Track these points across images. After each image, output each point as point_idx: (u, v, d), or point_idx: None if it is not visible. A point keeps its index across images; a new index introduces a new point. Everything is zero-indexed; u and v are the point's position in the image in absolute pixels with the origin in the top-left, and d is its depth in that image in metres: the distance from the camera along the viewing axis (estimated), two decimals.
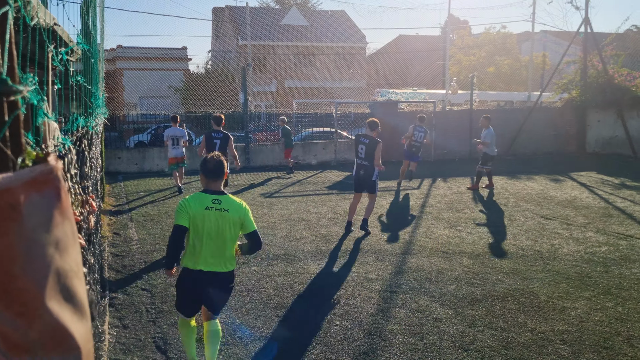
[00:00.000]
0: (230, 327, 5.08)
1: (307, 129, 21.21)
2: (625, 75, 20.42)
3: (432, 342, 4.75)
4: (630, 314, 5.31)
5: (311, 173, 15.94)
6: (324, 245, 7.89)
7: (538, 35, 39.00)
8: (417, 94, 27.16)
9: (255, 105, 32.57)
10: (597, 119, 20.79)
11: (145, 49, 34.72)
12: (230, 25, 38.75)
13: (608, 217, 9.68)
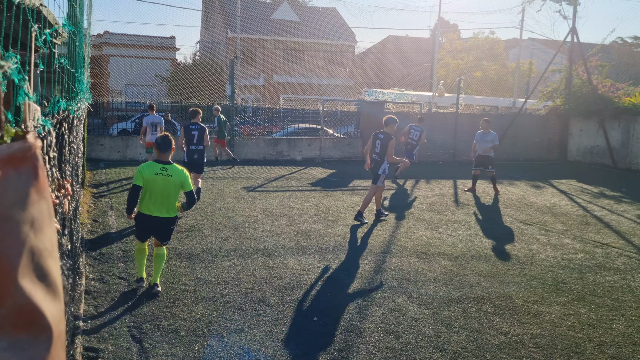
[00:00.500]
0: (207, 319, 5.06)
1: (293, 125, 21.18)
2: (609, 86, 20.73)
3: (408, 341, 4.78)
4: (603, 321, 5.40)
5: (295, 169, 15.92)
6: (305, 241, 7.90)
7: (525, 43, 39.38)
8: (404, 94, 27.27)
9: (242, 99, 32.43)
10: (579, 128, 21.07)
11: (132, 36, 34.34)
12: (220, 17, 38.49)
13: (586, 225, 9.83)
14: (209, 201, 10.50)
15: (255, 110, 24.43)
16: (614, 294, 6.21)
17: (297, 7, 42.83)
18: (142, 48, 33.90)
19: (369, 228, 8.85)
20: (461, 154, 20.07)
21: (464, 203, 11.44)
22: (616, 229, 9.55)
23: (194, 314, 5.16)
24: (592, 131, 20.51)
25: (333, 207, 10.44)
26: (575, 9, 20.50)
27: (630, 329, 5.22)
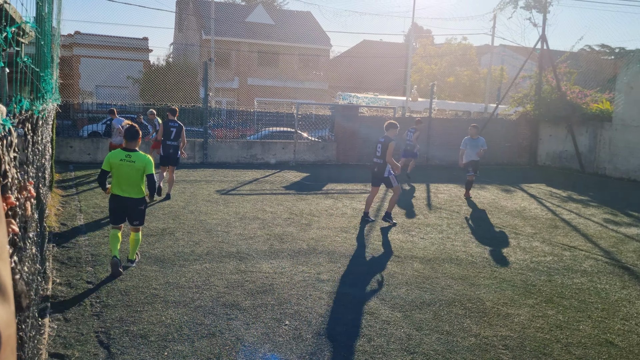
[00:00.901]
0: (178, 323, 4.99)
1: (267, 128, 21.11)
2: (577, 93, 21.21)
3: (380, 344, 4.79)
4: (570, 322, 5.50)
5: (269, 172, 15.87)
6: (278, 244, 7.86)
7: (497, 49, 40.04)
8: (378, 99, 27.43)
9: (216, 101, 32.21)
10: (549, 133, 21.50)
11: (104, 37, 33.83)
12: (194, 19, 38.20)
13: (554, 228, 10.01)
14: (181, 204, 10.38)
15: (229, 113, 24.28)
16: (581, 295, 6.33)
17: (272, 11, 42.77)
18: (114, 49, 33.40)
19: (342, 231, 8.86)
20: (434, 158, 20.27)
21: (436, 207, 11.55)
22: (583, 232, 9.76)
23: (164, 318, 5.09)
24: (561, 136, 20.95)
25: (307, 210, 10.42)
26: (545, 17, 20.95)
27: (596, 330, 5.33)
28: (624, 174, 18.43)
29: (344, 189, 13.41)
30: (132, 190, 6.29)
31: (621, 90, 18.82)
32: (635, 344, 5.05)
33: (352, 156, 19.19)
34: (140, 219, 6.49)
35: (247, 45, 37.74)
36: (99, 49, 32.91)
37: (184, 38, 40.92)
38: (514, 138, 21.85)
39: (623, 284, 6.88)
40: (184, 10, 40.66)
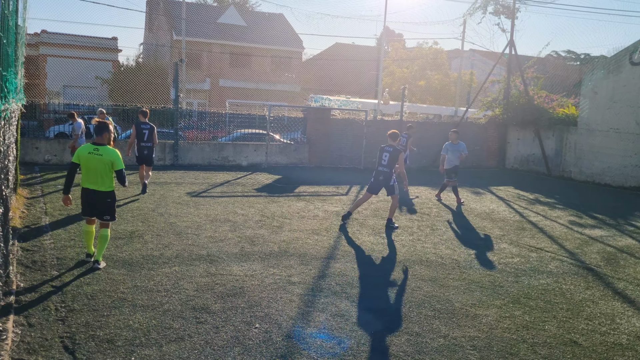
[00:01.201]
0: (146, 328, 4.91)
1: (239, 130, 20.99)
2: (544, 97, 21.70)
3: (350, 345, 4.80)
4: (536, 322, 5.61)
5: (241, 174, 15.78)
6: (249, 247, 7.82)
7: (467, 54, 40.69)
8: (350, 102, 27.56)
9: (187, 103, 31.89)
10: (517, 137, 21.92)
11: (72, 36, 33.15)
12: (165, 19, 37.77)
13: (522, 230, 10.21)
14: (151, 207, 10.24)
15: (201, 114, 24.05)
16: (547, 296, 6.47)
17: (244, 12, 42.60)
18: (82, 49, 32.77)
19: (314, 234, 8.86)
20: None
21: (406, 209, 11.65)
22: (550, 234, 9.97)
23: (132, 322, 5.00)
24: (529, 140, 21.38)
25: (278, 213, 10.39)
26: (513, 23, 21.37)
27: (561, 330, 5.45)
28: (589, 177, 18.91)
29: (316, 191, 13.42)
30: (100, 183, 6.44)
31: (586, 96, 19.32)
32: (598, 343, 5.18)
33: (325, 158, 19.23)
34: (110, 214, 6.60)
35: (218, 47, 37.49)
36: (67, 49, 32.25)
37: (154, 38, 40.42)
38: (484, 141, 22.21)
39: (587, 284, 7.05)
40: (154, 10, 40.16)
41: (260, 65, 38.86)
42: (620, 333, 5.47)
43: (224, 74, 38.08)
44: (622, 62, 18.17)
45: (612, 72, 18.41)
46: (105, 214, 6.58)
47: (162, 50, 37.51)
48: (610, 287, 7.02)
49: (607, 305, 6.28)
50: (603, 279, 7.36)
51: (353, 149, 19.49)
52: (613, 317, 5.92)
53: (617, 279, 7.36)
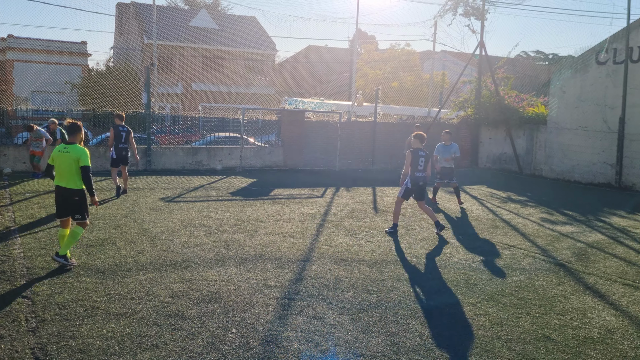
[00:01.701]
0: (119, 336, 4.83)
1: (213, 134, 20.84)
2: (514, 97, 22.07)
3: (327, 348, 4.80)
4: (510, 319, 5.69)
5: (215, 178, 15.66)
6: (225, 251, 7.76)
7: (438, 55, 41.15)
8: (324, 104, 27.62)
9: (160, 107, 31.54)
10: (489, 137, 22.24)
11: (39, 40, 32.53)
12: (135, 23, 37.31)
13: (495, 228, 10.35)
14: (123, 213, 10.09)
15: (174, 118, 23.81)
16: (520, 293, 6.57)
17: (216, 15, 42.34)
18: (50, 53, 32.17)
19: (290, 237, 8.84)
20: (379, 162, 20.58)
21: (382, 210, 11.72)
22: (522, 231, 10.14)
23: (105, 331, 4.92)
24: (500, 139, 21.71)
25: (254, 216, 10.34)
26: (482, 24, 21.70)
27: (535, 326, 5.54)
28: (559, 174, 19.29)
29: (292, 194, 13.40)
30: (68, 180, 6.61)
31: (555, 95, 19.71)
32: (570, 338, 5.28)
33: (299, 161, 19.22)
34: (79, 213, 6.72)
35: (190, 50, 37.19)
36: (35, 53, 31.63)
37: (124, 42, 39.89)
38: (456, 141, 22.37)
39: (559, 280, 7.19)
40: (124, 13, 39.65)
41: (233, 69, 38.67)
42: (591, 327, 5.59)
43: (197, 78, 37.78)
44: (588, 61, 18.60)
45: (580, 72, 18.83)
46: (75, 212, 6.69)
47: (133, 54, 37.04)
48: (581, 282, 7.16)
49: (579, 300, 6.40)
50: (574, 274, 7.50)
51: (328, 150, 19.54)
52: (584, 311, 6.04)
53: (587, 274, 7.52)
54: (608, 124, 17.87)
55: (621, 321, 5.79)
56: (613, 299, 6.53)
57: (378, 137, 20.44)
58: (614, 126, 17.60)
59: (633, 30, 17.17)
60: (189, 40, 36.99)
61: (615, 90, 17.60)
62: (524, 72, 31.31)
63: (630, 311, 6.12)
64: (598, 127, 18.18)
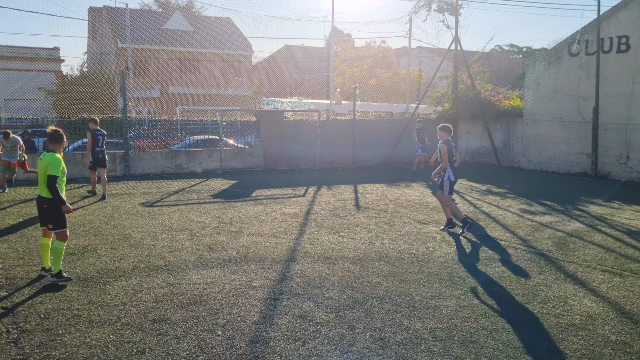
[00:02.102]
0: (104, 344, 4.77)
1: (192, 137, 20.69)
2: (490, 91, 22.31)
3: (314, 346, 4.81)
4: (494, 309, 5.76)
5: (196, 181, 15.55)
6: (208, 254, 7.71)
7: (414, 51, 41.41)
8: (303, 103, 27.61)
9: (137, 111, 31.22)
10: (467, 131, 22.46)
11: (10, 47, 31.93)
12: (109, 27, 36.87)
13: (476, 220, 10.46)
14: (103, 219, 9.96)
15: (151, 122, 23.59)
16: (503, 283, 6.65)
17: (190, 17, 42.04)
18: (22, 60, 31.61)
19: (273, 237, 8.82)
20: (360, 160, 20.64)
21: (364, 207, 11.75)
22: (502, 223, 10.26)
23: (89, 339, 4.85)
24: (478, 133, 21.94)
25: (236, 218, 10.30)
26: (457, 19, 21.88)
27: (518, 315, 5.61)
28: (537, 165, 19.56)
29: (273, 194, 13.37)
30: (42, 188, 6.51)
31: (530, 87, 19.98)
32: (553, 325, 5.36)
33: (280, 161, 19.18)
34: (52, 222, 6.47)
35: (166, 53, 36.86)
36: (6, 60, 31.04)
37: (98, 47, 39.38)
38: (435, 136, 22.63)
39: (540, 269, 7.29)
40: (97, 18, 39.13)
41: (209, 70, 38.44)
42: (573, 314, 5.68)
43: (173, 81, 37.47)
44: (561, 53, 18.89)
45: (553, 64, 19.11)
46: (47, 221, 6.51)
47: (108, 58, 36.60)
48: (562, 270, 7.28)
49: (560, 288, 6.50)
50: (554, 263, 7.62)
51: (308, 150, 19.53)
52: (566, 299, 6.14)
53: (567, 262, 7.64)
54: (582, 114, 18.17)
55: (602, 307, 5.90)
56: (593, 285, 6.65)
57: (358, 134, 20.50)
58: (588, 116, 17.90)
59: (603, 21, 17.49)
60: (164, 43, 36.66)
61: (588, 81, 17.91)
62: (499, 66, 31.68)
63: (610, 297, 6.24)
64: (573, 117, 18.48)
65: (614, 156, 17.38)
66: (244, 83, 39.38)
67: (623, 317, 5.63)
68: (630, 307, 5.91)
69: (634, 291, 6.45)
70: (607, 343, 4.99)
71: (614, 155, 17.38)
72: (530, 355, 4.70)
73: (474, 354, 4.70)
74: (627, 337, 5.12)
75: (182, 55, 37.28)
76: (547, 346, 4.89)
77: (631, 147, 16.96)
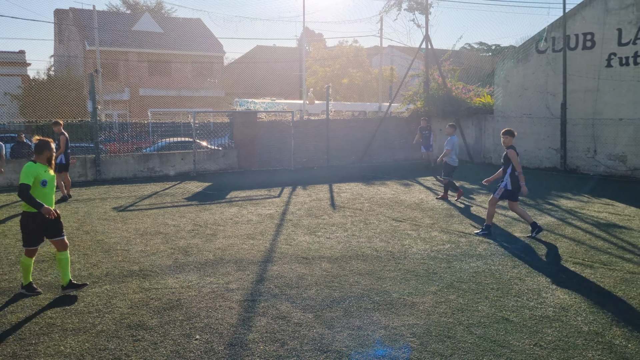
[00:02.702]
0: (79, 352, 4.68)
1: (164, 139, 20.44)
2: (461, 88, 22.60)
3: (293, 347, 4.80)
4: (469, 304, 5.84)
5: (169, 184, 15.38)
6: (183, 258, 7.63)
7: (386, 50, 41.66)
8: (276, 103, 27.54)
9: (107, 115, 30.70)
10: (439, 128, 22.68)
11: None
12: (76, 29, 36.18)
13: (450, 217, 10.58)
14: (75, 225, 9.77)
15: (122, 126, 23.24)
16: (478, 278, 6.75)
17: (160, 18, 41.53)
18: None
19: (249, 238, 8.78)
20: (335, 159, 20.68)
21: (339, 206, 11.78)
22: (476, 219, 10.39)
23: (63, 348, 4.76)
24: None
25: (211, 220, 10.22)
26: (427, 18, 22.10)
27: (494, 309, 5.70)
28: None
29: (248, 195, 13.30)
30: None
31: (499, 84, 20.30)
32: (528, 318, 5.46)
33: (254, 162, 19.10)
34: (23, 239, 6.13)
35: (135, 55, 36.35)
36: None
37: (65, 50, 38.62)
38: (409, 134, 22.81)
39: (513, 263, 7.42)
40: (63, 20, 38.36)
41: (181, 72, 38.04)
42: (546, 306, 5.79)
43: (144, 83, 36.97)
44: (529, 51, 19.24)
45: (521, 61, 19.46)
46: (61, 230, 6.18)
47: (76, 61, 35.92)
48: (535, 264, 7.41)
49: (533, 281, 6.63)
50: (528, 256, 7.75)
51: (282, 150, 19.50)
52: (539, 292, 6.26)
53: (540, 256, 7.78)
54: (551, 110, 18.54)
55: (574, 299, 6.03)
56: (565, 278, 6.79)
57: (331, 134, 20.54)
58: (557, 112, 18.27)
59: (569, 18, 17.87)
60: (133, 45, 36.14)
61: (555, 78, 18.28)
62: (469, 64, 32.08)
63: (582, 288, 6.38)
64: (542, 113, 18.84)
65: (582, 151, 17.78)
66: (216, 84, 39.08)
67: (595, 307, 5.77)
68: (601, 298, 6.06)
69: (605, 282, 6.61)
70: (580, 333, 5.10)
71: (582, 150, 17.78)
72: (506, 349, 4.77)
73: (451, 349, 4.75)
74: (599, 327, 5.24)
75: (152, 57, 36.81)
76: (523, 338, 4.98)
77: (598, 142, 17.37)
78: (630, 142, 16.70)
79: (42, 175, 5.96)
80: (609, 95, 17.07)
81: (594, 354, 4.69)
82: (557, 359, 4.59)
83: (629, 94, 16.62)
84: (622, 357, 4.64)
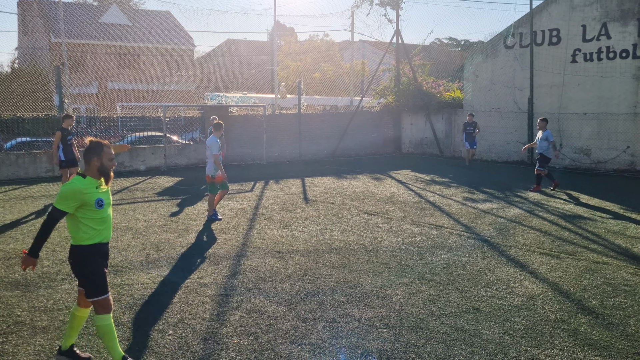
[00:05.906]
0: (49, 350, 4.61)
1: (134, 134, 20.12)
2: (432, 83, 22.85)
3: (268, 340, 4.81)
4: (441, 295, 5.94)
5: (139, 179, 15.17)
6: (155, 253, 7.56)
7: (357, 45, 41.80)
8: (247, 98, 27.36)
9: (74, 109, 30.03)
10: (410, 122, 22.92)
11: None
12: (41, 21, 35.26)
13: (421, 210, 10.72)
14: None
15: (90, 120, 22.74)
16: (449, 269, 6.87)
17: (128, 11, 40.77)
18: None
19: (222, 233, 8.74)
20: (307, 153, 20.70)
21: (312, 200, 11.81)
22: (447, 211, 10.56)
23: (32, 346, 4.68)
24: (421, 124, 22.43)
25: (183, 215, 10.13)
26: (397, 13, 22.25)
27: (464, 300, 5.81)
28: (477, 155, 20.19)
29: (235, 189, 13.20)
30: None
31: (469, 79, 20.59)
32: (497, 308, 5.59)
33: (226, 156, 18.91)
34: (82, 285, 4.36)
35: (103, 48, 35.63)
36: None
37: (30, 42, 37.61)
38: (380, 128, 22.99)
39: (483, 254, 7.57)
40: (27, 11, 37.33)
41: (150, 65, 37.45)
42: (515, 296, 5.94)
43: (112, 76, 36.29)
44: (497, 46, 19.56)
45: (490, 56, 19.77)
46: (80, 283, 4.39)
47: (41, 54, 35.02)
48: (504, 255, 7.58)
49: (502, 272, 6.78)
50: (497, 248, 7.93)
51: (254, 144, 19.42)
52: (508, 282, 6.41)
53: (508, 247, 7.97)
54: (518, 104, 18.90)
55: (541, 288, 6.20)
56: (533, 268, 6.97)
57: (304, 128, 20.54)
58: (524, 106, 18.64)
59: (536, 15, 18.22)
60: (101, 37, 35.41)
61: (523, 73, 18.63)
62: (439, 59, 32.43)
63: (549, 278, 6.56)
64: (510, 108, 19.19)
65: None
66: (187, 78, 38.62)
67: (561, 296, 5.94)
68: (567, 287, 6.24)
69: (570, 272, 6.80)
70: (547, 322, 5.25)
71: None
72: (476, 338, 4.88)
73: (423, 339, 4.84)
74: (565, 315, 5.40)
75: (121, 50, 36.14)
76: (492, 328, 5.09)
77: (564, 135, 17.79)
78: (594, 136, 17.16)
79: (94, 194, 4.21)
80: (574, 90, 17.49)
81: (561, 340, 4.84)
82: (526, 346, 4.72)
83: (593, 89, 17.07)
84: (587, 343, 4.80)
